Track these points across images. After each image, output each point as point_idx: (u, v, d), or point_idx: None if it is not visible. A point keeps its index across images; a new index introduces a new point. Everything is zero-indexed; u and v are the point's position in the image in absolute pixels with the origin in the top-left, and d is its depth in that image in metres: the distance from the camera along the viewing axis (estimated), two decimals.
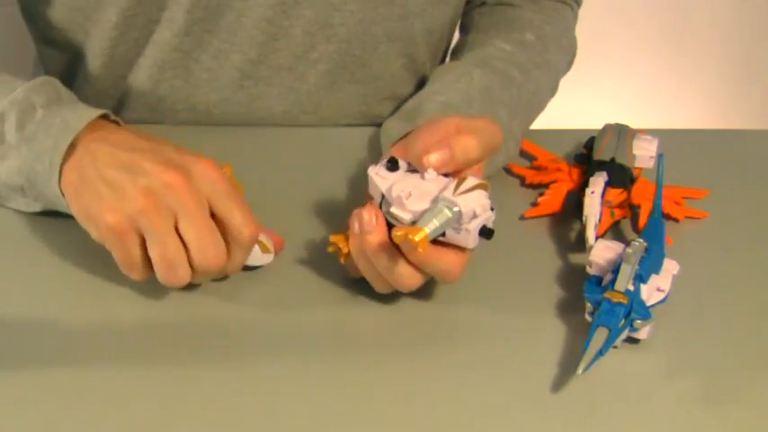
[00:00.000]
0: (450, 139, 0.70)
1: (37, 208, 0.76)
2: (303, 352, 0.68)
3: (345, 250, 0.71)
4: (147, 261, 0.68)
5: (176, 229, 0.67)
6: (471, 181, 0.68)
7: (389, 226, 0.68)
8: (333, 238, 0.71)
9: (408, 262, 0.68)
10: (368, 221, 0.67)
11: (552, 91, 0.95)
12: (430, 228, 0.66)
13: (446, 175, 0.70)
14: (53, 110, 0.73)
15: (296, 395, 0.65)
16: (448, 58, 1.02)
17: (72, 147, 0.70)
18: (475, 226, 0.67)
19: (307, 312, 0.72)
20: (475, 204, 0.67)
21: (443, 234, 0.67)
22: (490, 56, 0.89)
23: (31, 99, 0.73)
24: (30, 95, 0.73)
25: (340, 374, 0.67)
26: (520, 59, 0.90)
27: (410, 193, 0.68)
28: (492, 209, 0.68)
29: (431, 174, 0.69)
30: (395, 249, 0.67)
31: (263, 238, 0.74)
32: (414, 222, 0.67)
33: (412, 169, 0.71)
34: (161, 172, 0.66)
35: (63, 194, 0.71)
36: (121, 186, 0.66)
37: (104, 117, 0.73)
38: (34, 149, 0.71)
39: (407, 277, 0.68)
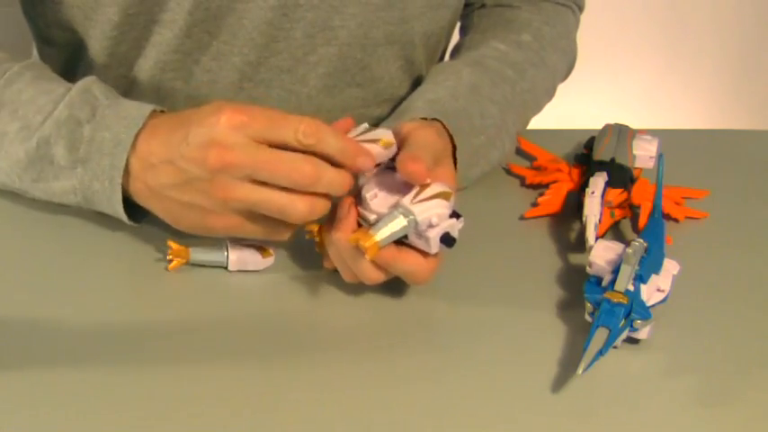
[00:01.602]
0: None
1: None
2: (304, 352, 0.69)
3: (318, 239, 0.72)
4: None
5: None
6: (434, 189, 0.68)
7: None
8: (309, 226, 0.72)
9: None
10: (343, 210, 0.69)
11: (549, 91, 0.95)
12: (381, 236, 0.67)
13: None
14: (99, 122, 0.73)
15: (293, 395, 0.65)
16: (447, 59, 1.02)
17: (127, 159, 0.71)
18: (434, 234, 0.68)
19: (307, 313, 0.72)
20: (431, 213, 0.67)
21: (406, 237, 0.68)
22: (484, 56, 0.90)
23: (76, 116, 0.73)
24: (73, 113, 0.73)
25: (339, 375, 0.67)
26: (515, 59, 0.90)
27: (376, 194, 0.69)
28: (458, 216, 0.68)
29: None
30: None
31: (263, 243, 0.75)
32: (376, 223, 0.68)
33: (391, 165, 0.71)
34: (202, 164, 0.67)
35: (129, 200, 0.72)
36: (190, 202, 0.69)
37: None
38: (90, 170, 0.72)
39: (369, 271, 0.70)
